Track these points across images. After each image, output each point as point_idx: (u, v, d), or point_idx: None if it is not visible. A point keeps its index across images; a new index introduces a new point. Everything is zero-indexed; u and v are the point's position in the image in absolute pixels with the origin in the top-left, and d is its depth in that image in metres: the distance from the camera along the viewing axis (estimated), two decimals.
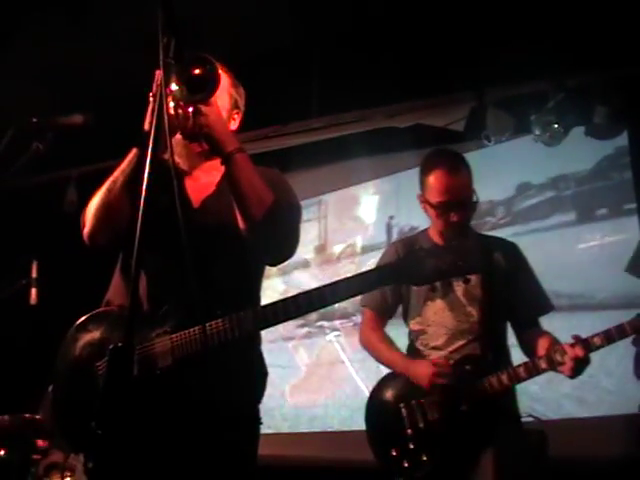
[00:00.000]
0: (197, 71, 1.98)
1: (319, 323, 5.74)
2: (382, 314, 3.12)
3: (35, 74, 5.16)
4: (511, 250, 3.06)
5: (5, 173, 2.08)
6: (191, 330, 2.00)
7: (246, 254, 2.16)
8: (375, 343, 3.08)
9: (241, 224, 2.09)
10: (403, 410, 2.86)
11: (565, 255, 4.71)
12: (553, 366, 2.70)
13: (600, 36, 4.25)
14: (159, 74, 2.03)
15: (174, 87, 1.96)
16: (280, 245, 2.16)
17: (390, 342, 3.06)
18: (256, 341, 2.23)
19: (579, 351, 2.61)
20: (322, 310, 2.42)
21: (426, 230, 3.12)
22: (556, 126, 4.50)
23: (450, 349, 2.90)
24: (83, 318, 2.21)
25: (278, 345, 5.80)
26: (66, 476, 4.36)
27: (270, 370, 2.27)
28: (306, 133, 4.89)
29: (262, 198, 2.06)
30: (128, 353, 1.49)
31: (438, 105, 4.89)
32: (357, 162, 5.38)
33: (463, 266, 2.07)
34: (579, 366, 2.64)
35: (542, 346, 2.79)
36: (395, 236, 5.48)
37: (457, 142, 4.85)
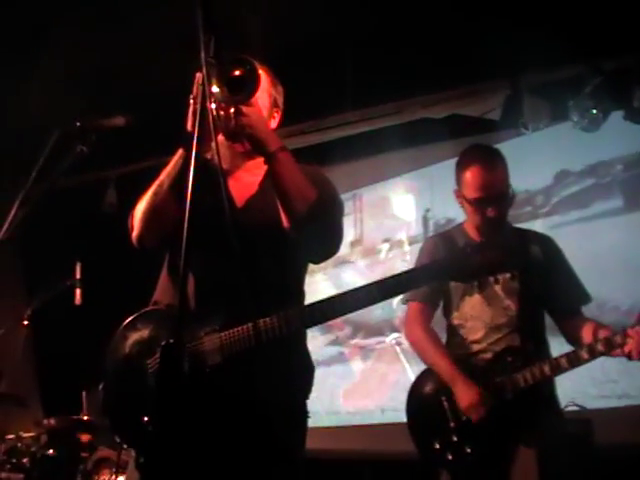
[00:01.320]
0: (237, 72, 2.01)
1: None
2: (430, 303, 3.10)
3: (69, 75, 5.21)
4: (547, 243, 3.05)
5: (50, 176, 2.12)
6: (240, 328, 2.02)
7: (291, 252, 2.18)
8: (424, 342, 3.03)
9: (285, 222, 2.11)
10: (445, 403, 2.86)
11: (611, 246, 4.63)
12: (596, 355, 2.69)
13: (636, 17, 4.18)
14: (199, 76, 2.06)
15: (214, 89, 1.98)
16: (324, 242, 2.18)
17: (439, 344, 3.02)
18: (302, 336, 2.25)
19: None
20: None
21: (461, 224, 3.11)
22: (594, 111, 4.45)
23: (489, 341, 2.91)
24: (132, 317, 2.24)
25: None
26: (120, 473, 4.40)
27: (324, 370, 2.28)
28: (341, 127, 4.88)
29: (305, 196, 2.08)
30: (179, 349, 1.51)
31: (473, 94, 4.86)
32: (392, 155, 5.36)
33: (509, 262, 2.06)
34: None
35: (586, 336, 2.80)
36: (432, 228, 5.46)
37: (493, 131, 4.84)
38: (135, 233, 2.22)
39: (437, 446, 2.83)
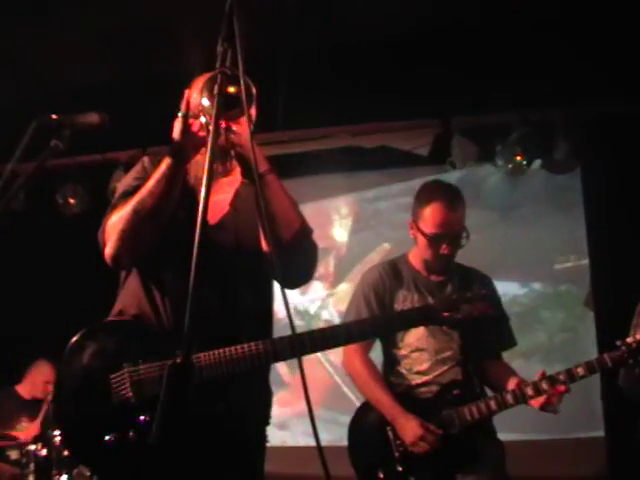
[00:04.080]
0: (231, 89, 1.94)
1: None
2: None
3: None
4: (486, 283, 3.09)
5: (28, 169, 1.97)
6: (221, 351, 1.96)
7: (264, 272, 2.13)
8: (364, 375, 3.01)
9: (266, 245, 2.06)
10: (390, 433, 2.86)
11: None
12: (541, 393, 2.75)
13: (564, 73, 4.41)
14: (189, 93, 1.99)
15: (205, 102, 1.91)
16: (305, 269, 2.14)
17: (379, 378, 3.01)
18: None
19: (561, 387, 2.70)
20: None
21: (406, 255, 3.13)
22: (519, 158, 4.64)
23: (435, 374, 2.93)
24: (91, 326, 2.09)
25: None
26: None
27: None
28: (271, 146, 4.83)
29: (291, 222, 2.05)
30: (187, 372, 1.43)
31: (404, 129, 4.96)
32: (322, 177, 5.36)
33: (493, 314, 2.13)
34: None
35: (512, 381, 2.84)
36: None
37: (421, 166, 4.95)
38: (110, 252, 2.04)
39: (381, 476, 2.82)
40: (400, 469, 2.80)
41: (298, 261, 2.08)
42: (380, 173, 5.10)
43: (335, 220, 5.63)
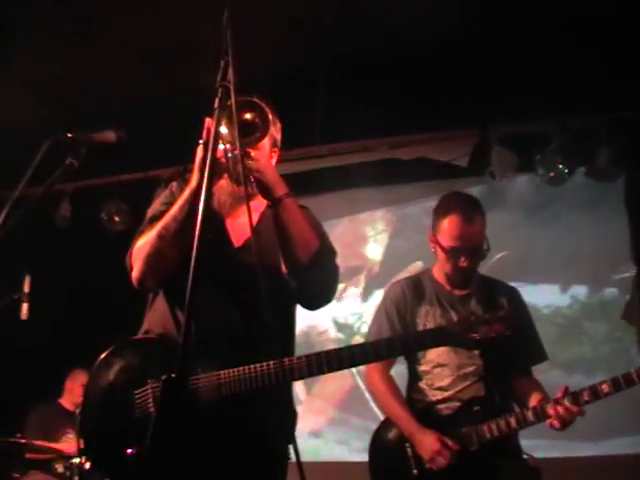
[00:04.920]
0: (248, 116, 1.98)
1: None
2: None
3: (30, 83, 5.07)
4: (514, 296, 3.04)
5: (38, 187, 2.02)
6: (241, 369, 1.99)
7: (285, 294, 2.16)
8: (383, 391, 3.02)
9: (285, 267, 2.11)
10: (409, 450, 2.83)
11: None
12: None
13: (603, 79, 4.32)
14: (209, 121, 2.02)
15: (223, 129, 1.94)
16: (323, 290, 2.17)
17: (399, 395, 3.01)
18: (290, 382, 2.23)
19: (574, 408, 2.63)
20: None
21: (430, 270, 3.11)
22: (561, 167, 4.54)
23: (456, 390, 2.89)
24: (118, 343, 2.17)
25: None
26: None
27: None
28: (309, 160, 4.86)
29: (308, 244, 2.08)
30: (180, 385, 1.45)
31: (442, 139, 4.91)
32: (359, 191, 5.33)
33: (511, 334, 2.11)
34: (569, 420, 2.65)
35: (535, 398, 2.78)
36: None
37: (460, 177, 4.89)
38: (136, 275, 2.14)
39: None
40: None
41: (316, 282, 2.13)
42: (419, 185, 5.06)
43: (370, 237, 5.59)
